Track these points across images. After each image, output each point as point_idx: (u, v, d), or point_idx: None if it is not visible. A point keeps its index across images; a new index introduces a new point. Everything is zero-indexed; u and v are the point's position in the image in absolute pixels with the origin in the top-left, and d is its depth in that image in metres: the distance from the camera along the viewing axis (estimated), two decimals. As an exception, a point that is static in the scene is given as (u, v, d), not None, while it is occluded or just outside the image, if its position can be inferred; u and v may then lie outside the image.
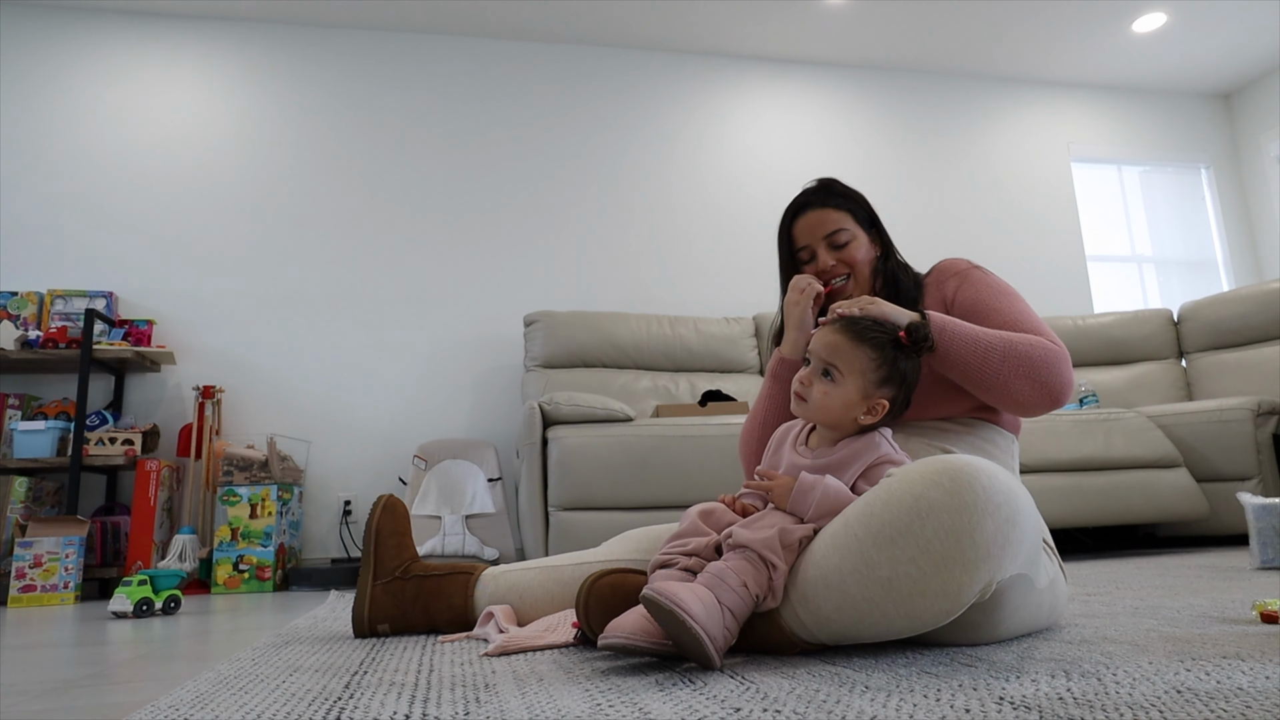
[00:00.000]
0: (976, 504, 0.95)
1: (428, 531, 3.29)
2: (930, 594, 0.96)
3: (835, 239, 1.42)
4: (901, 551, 0.96)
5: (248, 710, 0.89)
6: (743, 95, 4.51)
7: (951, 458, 1.00)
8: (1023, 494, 1.02)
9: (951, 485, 0.96)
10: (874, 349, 1.16)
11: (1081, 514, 2.90)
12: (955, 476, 0.96)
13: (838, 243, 1.42)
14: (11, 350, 3.17)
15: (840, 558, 1.01)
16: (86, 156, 3.71)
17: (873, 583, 0.98)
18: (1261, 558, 2.15)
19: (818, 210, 1.45)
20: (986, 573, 0.95)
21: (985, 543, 0.94)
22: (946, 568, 0.94)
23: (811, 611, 1.04)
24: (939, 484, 0.96)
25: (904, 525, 0.97)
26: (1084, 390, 3.66)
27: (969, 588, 0.95)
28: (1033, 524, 1.02)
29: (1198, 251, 4.98)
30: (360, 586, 1.51)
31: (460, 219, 4.01)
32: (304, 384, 3.70)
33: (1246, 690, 0.79)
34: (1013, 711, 0.75)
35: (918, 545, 0.95)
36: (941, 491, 0.96)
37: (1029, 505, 1.02)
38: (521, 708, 0.85)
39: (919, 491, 0.97)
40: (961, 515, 0.94)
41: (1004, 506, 0.96)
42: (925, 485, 0.97)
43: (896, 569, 0.97)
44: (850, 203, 1.46)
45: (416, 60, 4.14)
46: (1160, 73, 4.87)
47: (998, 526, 0.95)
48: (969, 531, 0.94)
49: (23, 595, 2.73)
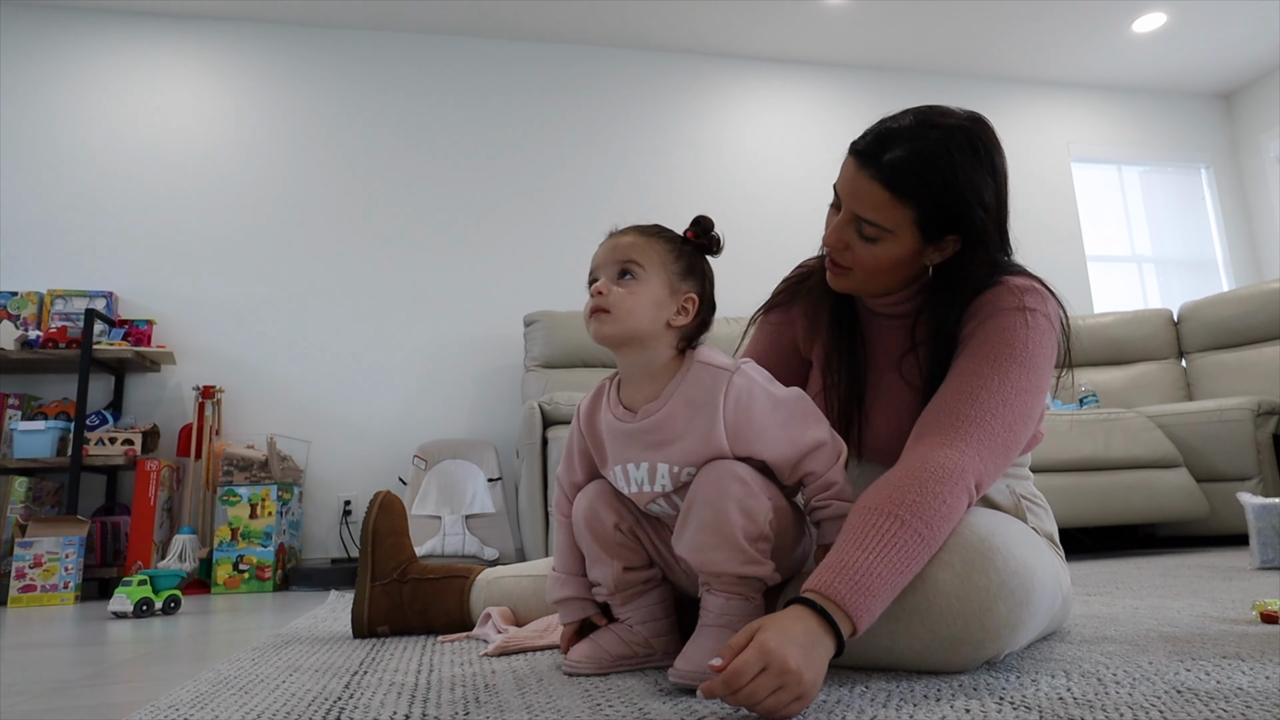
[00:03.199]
0: (989, 589, 0.88)
1: (428, 531, 3.29)
2: (933, 665, 0.93)
3: (863, 229, 1.07)
4: (905, 627, 0.91)
5: (248, 710, 0.89)
6: (743, 95, 4.51)
7: (965, 532, 0.92)
8: (1039, 563, 0.94)
9: (963, 568, 0.89)
10: (667, 240, 1.03)
11: (1081, 514, 2.90)
12: (967, 559, 0.89)
13: (864, 234, 1.07)
14: (11, 350, 3.17)
15: None
16: (86, 156, 3.71)
17: (873, 648, 0.94)
18: (1261, 558, 2.15)
19: (872, 184, 1.04)
20: (994, 650, 0.91)
21: (995, 626, 0.89)
22: (953, 647, 0.90)
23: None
24: (949, 565, 0.90)
25: (910, 603, 0.90)
26: (1084, 390, 3.66)
27: (975, 662, 0.92)
28: (1048, 593, 0.95)
29: (1198, 251, 4.98)
30: (359, 588, 1.50)
31: (460, 219, 4.01)
32: (304, 384, 3.70)
33: (1246, 690, 0.79)
34: (1013, 711, 0.75)
35: (923, 625, 0.90)
36: (951, 574, 0.89)
37: (1045, 575, 0.94)
38: (521, 708, 0.85)
39: (928, 571, 0.90)
40: (971, 600, 0.88)
41: (1018, 590, 0.89)
42: (935, 565, 0.90)
43: (898, 641, 0.92)
44: (928, 196, 1.02)
45: (417, 60, 4.14)
46: (1160, 73, 4.87)
47: (1010, 610, 0.89)
48: (979, 616, 0.88)
49: (23, 595, 2.73)
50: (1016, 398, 0.99)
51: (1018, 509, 1.14)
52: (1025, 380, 1.00)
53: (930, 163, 1.02)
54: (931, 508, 0.89)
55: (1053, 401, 3.66)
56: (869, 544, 0.85)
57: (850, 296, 1.20)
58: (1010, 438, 0.98)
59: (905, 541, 0.86)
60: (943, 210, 1.04)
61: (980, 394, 0.99)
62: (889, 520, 0.87)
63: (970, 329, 1.06)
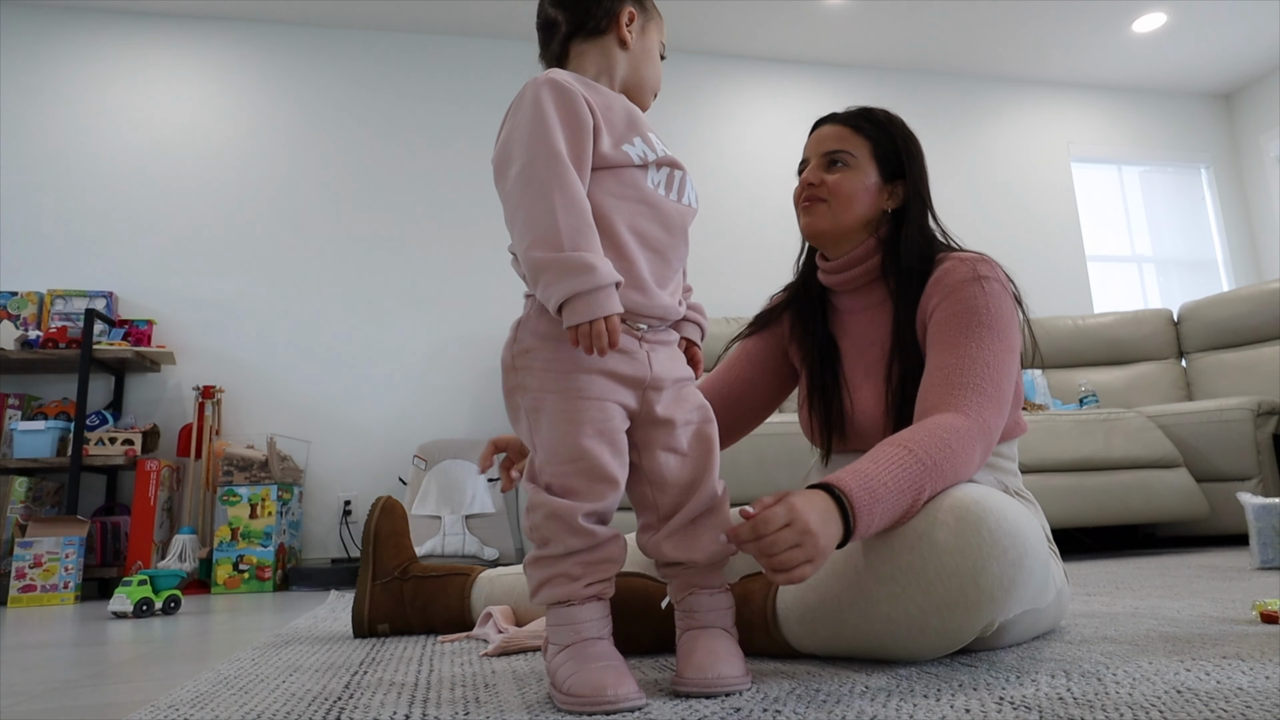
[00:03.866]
0: (982, 547, 0.90)
1: (428, 531, 3.29)
2: (931, 632, 0.93)
3: (832, 162, 1.25)
4: (902, 589, 0.93)
5: (248, 710, 0.89)
6: (743, 95, 4.51)
7: (959, 495, 0.95)
8: (1030, 529, 0.96)
9: (957, 526, 0.92)
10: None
11: (1081, 514, 2.90)
12: (961, 517, 0.92)
13: (833, 165, 1.25)
14: (11, 350, 3.17)
15: (841, 587, 0.99)
16: (87, 156, 3.71)
17: (872, 616, 0.96)
18: (1261, 558, 2.15)
19: (835, 126, 1.28)
20: (989, 614, 0.92)
21: (990, 586, 0.90)
22: (949, 609, 0.91)
23: (810, 633, 1.04)
24: (944, 524, 0.92)
25: (905, 563, 0.93)
26: (1084, 390, 3.66)
27: (970, 628, 0.93)
28: (1040, 560, 0.97)
29: (1198, 251, 4.98)
30: (360, 586, 1.51)
31: (461, 219, 4.01)
32: (304, 384, 3.70)
33: (1246, 690, 0.79)
34: (1013, 711, 0.75)
35: (919, 585, 0.92)
36: (946, 532, 0.92)
37: (1037, 541, 0.96)
38: (521, 708, 0.85)
39: (923, 530, 0.93)
40: (966, 558, 0.90)
41: (1011, 550, 0.91)
42: (929, 524, 0.93)
43: (896, 605, 0.94)
44: (878, 132, 1.26)
45: (417, 61, 4.14)
46: (1160, 73, 4.87)
47: (1003, 570, 0.91)
48: (973, 575, 0.90)
49: (23, 595, 2.73)
50: (995, 358, 1.10)
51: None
52: (998, 341, 1.11)
53: (876, 114, 1.29)
54: (937, 447, 0.98)
55: (1052, 402, 3.67)
56: (880, 460, 0.95)
57: (822, 303, 1.33)
58: (999, 394, 1.09)
59: (909, 466, 0.95)
60: (893, 147, 1.25)
61: (965, 364, 1.09)
62: (899, 450, 0.97)
63: (934, 305, 1.16)
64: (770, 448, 2.84)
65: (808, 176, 1.27)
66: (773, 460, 2.82)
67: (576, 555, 0.90)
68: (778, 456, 2.83)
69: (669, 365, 0.99)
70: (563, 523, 0.89)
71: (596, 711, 0.81)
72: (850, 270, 1.26)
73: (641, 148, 1.00)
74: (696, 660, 0.89)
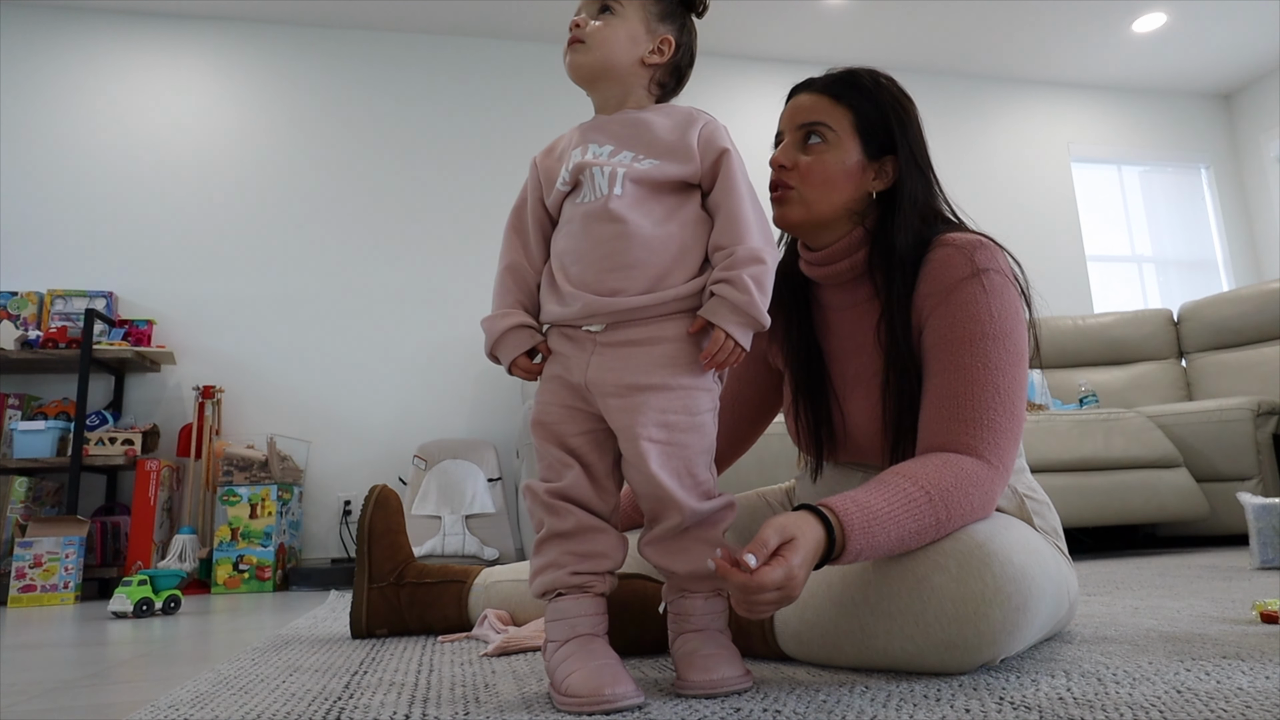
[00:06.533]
0: (984, 594, 0.87)
1: (428, 531, 3.29)
2: (928, 667, 0.92)
3: (808, 137, 1.10)
4: (900, 628, 0.91)
5: (248, 710, 0.89)
6: (743, 95, 4.51)
7: (964, 537, 0.91)
8: (1038, 569, 0.91)
9: (958, 572, 0.88)
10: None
11: (1081, 514, 2.89)
12: (964, 563, 0.88)
13: (809, 141, 1.10)
14: (11, 350, 3.17)
15: (837, 615, 0.97)
16: (86, 156, 3.71)
17: (868, 648, 0.94)
18: (1261, 558, 2.15)
19: (811, 95, 1.12)
20: (990, 655, 0.89)
21: (991, 631, 0.87)
22: (947, 650, 0.89)
23: (805, 651, 1.03)
24: (945, 568, 0.89)
25: (904, 604, 0.90)
26: (1084, 390, 3.66)
27: (970, 666, 0.91)
28: (1049, 598, 0.94)
29: (1198, 251, 4.98)
30: (356, 591, 1.49)
31: (461, 218, 4.01)
32: (304, 384, 3.70)
33: (1246, 690, 0.79)
34: (1013, 711, 0.75)
35: (917, 626, 0.90)
36: (946, 577, 0.88)
37: (1044, 578, 0.92)
38: (521, 708, 0.85)
39: (923, 573, 0.90)
40: (967, 605, 0.87)
41: (1015, 595, 0.87)
42: (930, 568, 0.90)
43: (893, 642, 0.92)
44: (861, 100, 1.09)
45: (417, 61, 4.13)
46: (1160, 73, 4.87)
47: (1006, 615, 0.87)
48: (973, 621, 0.87)
49: (23, 595, 2.73)
50: (1005, 378, 0.99)
51: (1022, 509, 1.11)
52: (1005, 354, 1.00)
53: (860, 77, 1.12)
54: (957, 500, 0.92)
55: (1052, 401, 3.66)
56: (893, 499, 0.89)
57: (805, 297, 1.19)
58: (1014, 424, 0.99)
59: (922, 515, 0.90)
60: (880, 116, 1.09)
61: (974, 391, 0.98)
62: (919, 491, 0.90)
63: (930, 308, 1.03)
64: (770, 447, 2.83)
65: (778, 157, 1.13)
66: (773, 460, 2.82)
67: (559, 541, 0.93)
68: (778, 456, 2.83)
69: (619, 370, 0.91)
70: (532, 495, 0.95)
71: (595, 711, 0.81)
72: (834, 264, 1.11)
73: (562, 173, 1.00)
74: (697, 663, 0.89)
